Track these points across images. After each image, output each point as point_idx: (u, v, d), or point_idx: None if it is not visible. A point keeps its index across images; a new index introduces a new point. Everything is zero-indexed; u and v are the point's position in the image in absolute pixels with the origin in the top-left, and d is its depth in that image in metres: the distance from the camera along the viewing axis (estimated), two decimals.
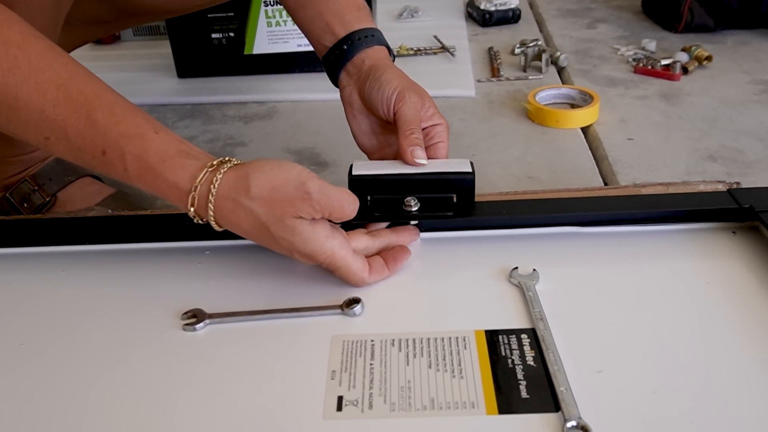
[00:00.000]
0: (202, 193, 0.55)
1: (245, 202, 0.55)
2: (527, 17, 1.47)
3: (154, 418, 0.49)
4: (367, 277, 0.59)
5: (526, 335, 0.54)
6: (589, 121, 1.03)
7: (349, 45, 0.72)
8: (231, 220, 0.56)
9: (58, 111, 0.54)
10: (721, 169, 0.90)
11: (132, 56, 1.34)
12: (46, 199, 0.81)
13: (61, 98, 0.54)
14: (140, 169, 0.55)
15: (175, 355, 0.54)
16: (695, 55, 1.19)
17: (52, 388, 0.52)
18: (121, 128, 0.55)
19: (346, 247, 0.58)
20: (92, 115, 0.55)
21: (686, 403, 0.48)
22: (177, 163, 0.56)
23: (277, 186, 0.55)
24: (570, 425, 0.46)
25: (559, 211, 0.66)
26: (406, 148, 0.65)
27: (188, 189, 0.55)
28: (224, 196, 0.55)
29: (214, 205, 0.55)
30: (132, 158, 0.55)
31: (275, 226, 0.55)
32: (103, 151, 0.55)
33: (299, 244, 0.56)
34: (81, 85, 0.56)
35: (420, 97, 0.68)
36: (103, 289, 0.62)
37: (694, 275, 0.60)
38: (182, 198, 0.56)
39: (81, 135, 0.55)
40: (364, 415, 0.48)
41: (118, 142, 0.55)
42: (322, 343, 0.54)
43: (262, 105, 1.15)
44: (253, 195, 0.54)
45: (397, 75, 0.69)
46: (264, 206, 0.54)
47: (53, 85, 0.54)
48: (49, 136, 0.55)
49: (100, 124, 0.55)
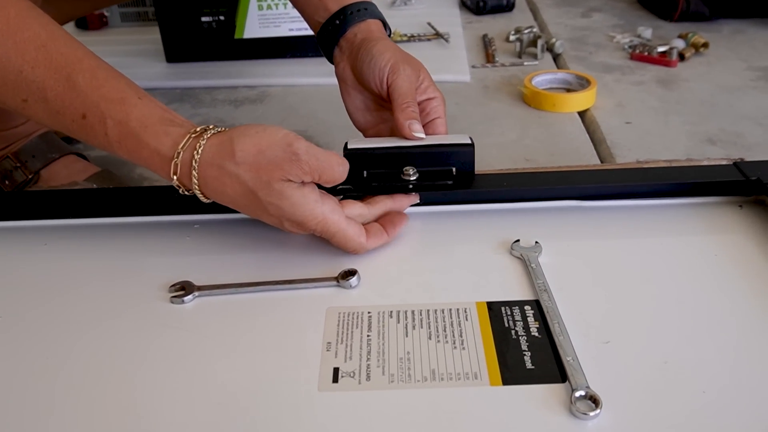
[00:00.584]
0: (185, 160, 0.53)
1: (230, 168, 0.52)
2: (521, 6, 1.46)
3: (140, 391, 0.46)
4: (365, 242, 0.57)
5: (530, 306, 0.52)
6: (586, 105, 1.01)
7: (341, 19, 0.70)
8: (216, 188, 0.54)
9: (36, 72, 0.52)
10: (721, 152, 0.88)
11: (120, 41, 1.31)
12: (28, 177, 0.78)
13: (40, 59, 0.52)
14: (121, 134, 0.53)
15: (163, 327, 0.52)
16: (692, 41, 1.17)
17: (32, 362, 0.49)
18: (103, 92, 0.53)
19: (339, 212, 0.55)
20: (73, 77, 0.52)
21: (698, 372, 0.46)
22: (159, 130, 0.53)
23: (263, 149, 0.52)
24: (579, 394, 0.43)
25: (561, 183, 0.63)
26: (403, 122, 0.62)
27: (170, 156, 0.53)
28: (208, 162, 0.53)
29: (198, 173, 0.53)
30: (113, 123, 0.53)
31: (263, 191, 0.52)
32: (83, 114, 0.53)
33: (288, 209, 0.53)
34: (61, 47, 0.53)
35: (414, 69, 0.66)
36: (87, 262, 0.59)
37: (702, 248, 0.58)
38: (164, 165, 0.53)
39: (60, 98, 0.52)
40: (361, 386, 0.46)
41: (99, 106, 0.52)
42: (317, 315, 0.52)
43: (252, 89, 1.13)
44: (238, 160, 0.52)
45: (389, 47, 0.67)
46: (250, 171, 0.52)
47: (33, 45, 0.52)
48: (27, 98, 0.53)
49: (80, 87, 0.52)
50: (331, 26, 0.70)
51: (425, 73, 0.67)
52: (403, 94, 0.64)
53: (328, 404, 0.44)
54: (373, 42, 0.67)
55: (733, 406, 0.43)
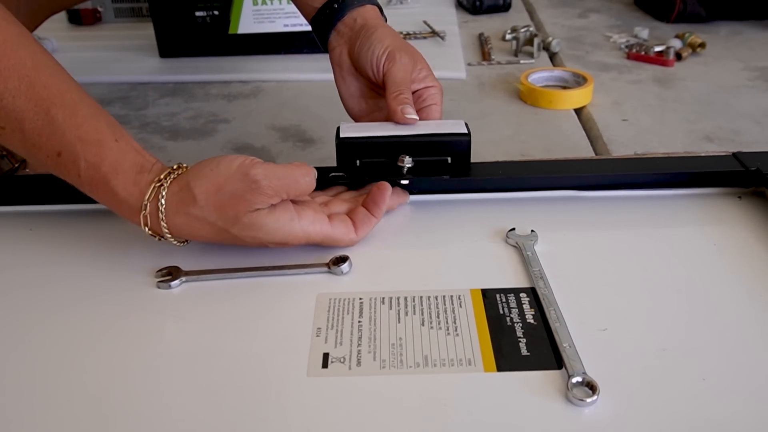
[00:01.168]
0: (152, 212, 0.52)
1: (196, 213, 0.51)
2: (518, 6, 1.45)
3: (125, 377, 0.45)
4: (355, 236, 0.56)
5: (525, 294, 0.51)
6: (582, 102, 1.00)
7: (339, 3, 0.69)
8: (190, 233, 0.53)
9: (17, 102, 0.50)
10: (719, 149, 0.87)
11: (113, 37, 1.30)
12: (14, 165, 0.76)
13: (22, 89, 0.51)
14: (93, 178, 0.52)
15: (149, 312, 0.50)
16: (689, 41, 1.17)
17: (14, 346, 0.47)
18: (80, 132, 0.52)
19: (319, 220, 0.54)
20: (52, 112, 0.51)
21: (697, 360, 0.44)
22: (129, 179, 0.52)
23: (221, 186, 0.51)
24: (575, 380, 0.42)
25: (557, 172, 0.62)
26: (396, 107, 0.61)
27: (138, 207, 0.52)
28: (174, 211, 0.52)
29: (167, 223, 0.52)
30: (86, 165, 0.52)
31: (235, 228, 0.51)
32: (59, 152, 0.52)
33: (266, 236, 0.52)
34: (45, 78, 0.52)
35: (411, 58, 0.65)
36: (72, 248, 0.58)
37: (700, 238, 0.57)
38: (134, 216, 0.53)
39: (38, 132, 0.51)
40: (351, 372, 0.44)
41: (75, 146, 0.51)
42: (307, 301, 0.51)
43: (246, 84, 1.12)
44: (200, 204, 0.51)
45: (389, 34, 0.66)
46: (216, 211, 0.51)
47: (17, 74, 0.51)
48: (5, 126, 0.51)
49: (58, 123, 0.51)
50: (329, 10, 0.69)
51: (423, 63, 0.66)
52: (398, 82, 0.63)
53: (317, 389, 0.43)
54: (373, 29, 0.66)
55: (733, 393, 0.42)
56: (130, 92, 1.09)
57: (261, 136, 0.94)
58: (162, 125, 0.98)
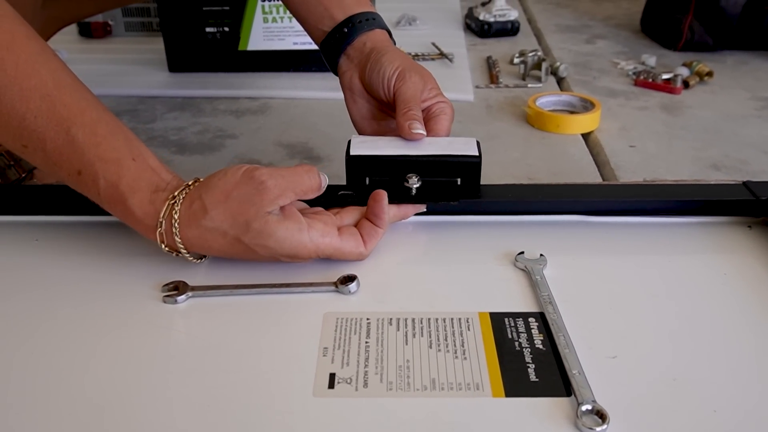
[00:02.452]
0: (167, 229, 0.53)
1: (208, 224, 0.52)
2: (526, 31, 1.46)
3: (127, 392, 0.44)
4: (365, 249, 0.55)
5: (534, 319, 0.50)
6: (590, 127, 1.00)
7: (349, 28, 0.69)
8: (203, 246, 0.53)
9: (38, 122, 0.51)
10: (726, 177, 0.87)
11: (123, 50, 1.31)
12: (21, 175, 0.76)
13: (44, 109, 0.51)
14: (112, 197, 0.53)
15: (154, 327, 0.50)
16: (696, 70, 1.17)
17: (18, 358, 0.47)
18: (99, 151, 0.52)
19: (329, 233, 0.54)
20: (72, 132, 0.52)
21: (708, 391, 0.44)
22: (145, 198, 0.53)
23: (229, 192, 0.52)
24: (585, 408, 0.42)
25: (567, 197, 0.62)
26: (403, 123, 0.62)
27: (154, 225, 0.53)
28: (186, 225, 0.52)
29: (181, 238, 0.53)
30: (105, 184, 0.53)
31: (246, 235, 0.52)
32: (79, 171, 0.53)
33: (276, 246, 0.52)
34: (66, 97, 0.53)
35: (421, 77, 0.65)
36: (78, 259, 0.58)
37: (710, 267, 0.57)
38: (150, 233, 0.54)
39: (59, 151, 0.52)
40: (358, 393, 0.44)
41: (94, 165, 0.52)
42: (314, 320, 0.50)
43: (254, 101, 1.12)
44: (211, 214, 0.52)
45: (399, 56, 0.66)
46: (227, 219, 0.51)
47: (38, 94, 0.51)
48: (27, 144, 0.53)
49: (78, 143, 0.52)
50: (338, 34, 0.69)
51: (433, 83, 0.67)
52: (407, 99, 0.63)
53: (323, 410, 0.43)
54: (383, 51, 0.67)
55: (745, 427, 0.41)
56: (138, 105, 1.10)
57: (268, 153, 0.94)
58: (169, 139, 0.98)
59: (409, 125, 0.61)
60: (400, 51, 0.68)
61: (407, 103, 0.63)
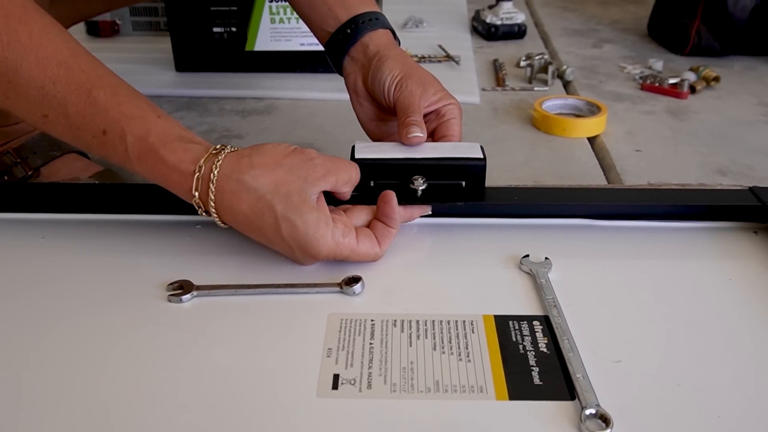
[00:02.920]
0: (204, 175, 0.52)
1: (248, 181, 0.52)
2: (532, 34, 1.46)
3: (131, 391, 0.44)
4: (380, 250, 0.56)
5: (538, 322, 0.50)
6: (596, 131, 1.00)
7: (352, 29, 0.69)
8: (232, 204, 0.53)
9: (58, 88, 0.52)
10: (732, 183, 0.87)
11: (130, 49, 1.31)
12: (28, 173, 0.77)
13: (62, 75, 0.52)
14: (141, 150, 0.53)
15: (158, 325, 0.50)
16: (703, 75, 1.17)
17: (23, 356, 0.47)
18: (123, 108, 0.53)
19: (348, 233, 0.54)
20: (94, 93, 0.52)
21: (713, 397, 0.44)
22: (179, 146, 0.53)
23: (279, 160, 0.53)
24: (588, 412, 0.42)
25: (573, 200, 0.62)
26: (402, 131, 0.62)
27: (191, 171, 0.52)
28: (227, 176, 0.52)
29: (216, 187, 0.52)
30: (133, 139, 0.52)
31: (281, 205, 0.51)
32: (104, 130, 0.53)
33: (302, 228, 0.52)
34: (83, 63, 0.53)
35: (421, 84, 0.65)
36: (84, 258, 0.58)
37: (716, 272, 0.57)
38: (184, 181, 0.53)
39: (81, 113, 0.52)
40: (362, 394, 0.44)
41: (120, 122, 0.52)
42: (318, 321, 0.50)
43: (260, 101, 1.12)
44: (256, 172, 0.52)
45: (399, 62, 0.66)
46: (269, 183, 0.52)
47: (54, 61, 0.52)
48: (47, 113, 0.53)
49: (101, 103, 0.52)
50: (342, 35, 0.69)
51: (437, 86, 0.66)
52: (405, 108, 0.63)
53: (326, 411, 0.43)
54: (385, 57, 0.67)
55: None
56: None
57: None
58: None
59: (406, 131, 0.61)
60: (402, 55, 0.68)
61: (406, 112, 0.63)
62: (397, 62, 0.66)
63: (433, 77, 0.67)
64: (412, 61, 0.68)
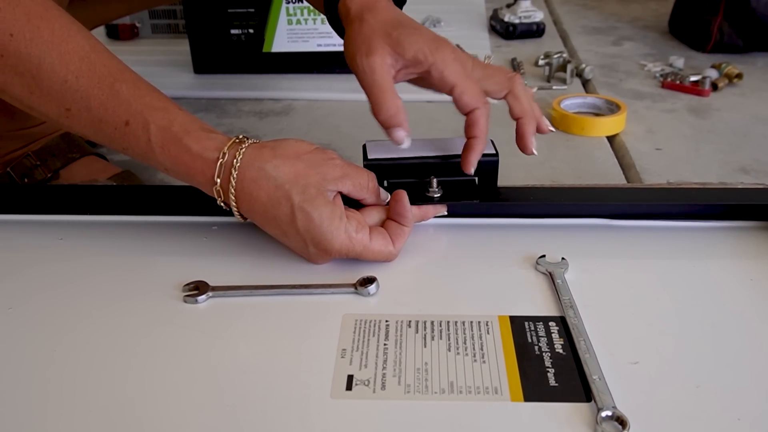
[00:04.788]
0: (227, 162, 0.53)
1: (269, 170, 0.53)
2: (551, 32, 1.45)
3: (147, 390, 0.44)
4: (393, 248, 0.55)
5: (555, 323, 0.50)
6: (615, 130, 0.99)
7: None
8: (252, 192, 0.53)
9: (81, 81, 0.53)
10: (755, 181, 0.86)
11: (149, 52, 1.32)
12: (47, 175, 0.77)
13: (84, 69, 0.53)
14: (165, 139, 0.53)
15: (174, 326, 0.50)
16: (725, 72, 1.15)
17: (41, 355, 0.48)
18: (146, 101, 0.54)
19: (362, 229, 0.54)
20: (116, 86, 0.53)
21: (733, 399, 0.43)
22: (202, 135, 0.54)
23: (300, 154, 0.54)
24: (604, 415, 0.41)
25: (589, 200, 0.61)
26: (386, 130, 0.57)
27: (215, 158, 0.53)
28: (249, 163, 0.53)
29: (238, 174, 0.53)
30: (156, 129, 0.53)
31: (299, 196, 0.52)
32: (127, 121, 0.53)
33: (317, 220, 0.52)
34: (104, 58, 0.54)
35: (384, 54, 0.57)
36: (101, 259, 0.58)
37: (736, 272, 0.56)
38: (207, 169, 0.53)
39: (104, 106, 0.53)
40: (376, 395, 0.44)
41: (143, 113, 0.53)
42: (333, 321, 0.50)
43: (278, 102, 1.12)
44: (277, 162, 0.53)
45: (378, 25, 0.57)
46: (288, 174, 0.53)
47: (76, 56, 0.53)
48: (70, 107, 0.53)
49: (124, 96, 0.53)
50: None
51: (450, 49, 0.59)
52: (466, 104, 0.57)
53: (340, 412, 0.42)
54: (360, 20, 0.58)
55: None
56: None
57: None
58: None
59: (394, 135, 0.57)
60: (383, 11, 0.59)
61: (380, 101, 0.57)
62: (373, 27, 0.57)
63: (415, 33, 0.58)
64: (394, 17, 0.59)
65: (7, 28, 0.51)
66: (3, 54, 0.51)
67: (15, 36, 0.51)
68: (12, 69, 0.52)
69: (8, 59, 0.51)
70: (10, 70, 0.52)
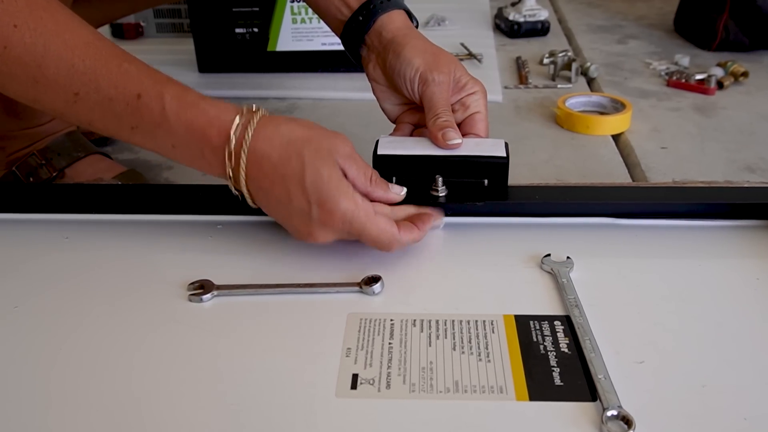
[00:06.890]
0: (244, 123, 0.53)
1: (284, 130, 0.53)
2: (556, 31, 1.44)
3: (151, 389, 0.45)
4: (398, 233, 0.54)
5: (560, 322, 0.50)
6: (620, 128, 0.99)
7: (365, 15, 0.68)
8: (264, 149, 0.53)
9: (87, 63, 0.53)
10: (761, 180, 0.85)
11: (154, 51, 1.32)
12: (53, 174, 0.77)
13: (90, 53, 0.53)
14: (180, 105, 0.53)
15: (179, 325, 0.50)
16: (731, 70, 1.15)
17: (46, 353, 0.48)
18: (156, 76, 0.54)
19: (369, 204, 0.54)
20: (124, 66, 0.54)
21: (739, 398, 0.43)
22: (217, 102, 0.55)
23: (313, 127, 0.55)
24: (610, 414, 0.41)
25: (595, 199, 0.61)
26: (436, 133, 0.61)
27: (232, 118, 0.53)
28: (265, 124, 0.53)
29: (254, 131, 0.52)
30: (171, 97, 0.53)
31: (310, 154, 0.52)
32: (138, 94, 0.53)
33: (325, 182, 0.52)
34: (108, 45, 0.55)
35: (446, 73, 0.64)
36: (106, 257, 0.58)
37: (742, 271, 0.55)
38: (223, 130, 0.53)
39: (113, 84, 0.53)
40: (380, 394, 0.44)
41: (156, 85, 0.53)
42: (338, 320, 0.50)
43: (282, 101, 1.12)
44: (292, 126, 0.54)
45: (419, 50, 0.65)
46: (301, 136, 0.53)
47: (82, 42, 0.53)
48: (78, 91, 0.53)
49: (133, 72, 0.53)
50: (355, 23, 0.68)
51: (461, 70, 0.65)
52: (434, 105, 0.63)
53: (345, 410, 0.42)
54: (402, 45, 0.65)
55: None
56: None
57: None
58: None
59: (443, 135, 0.61)
60: (419, 40, 0.66)
61: (435, 109, 0.62)
62: (415, 50, 0.65)
63: (454, 60, 0.66)
64: (430, 45, 0.66)
65: (11, 20, 0.51)
66: (7, 45, 0.51)
67: (19, 26, 0.51)
68: (16, 60, 0.52)
69: (12, 50, 0.51)
70: (14, 62, 0.52)
